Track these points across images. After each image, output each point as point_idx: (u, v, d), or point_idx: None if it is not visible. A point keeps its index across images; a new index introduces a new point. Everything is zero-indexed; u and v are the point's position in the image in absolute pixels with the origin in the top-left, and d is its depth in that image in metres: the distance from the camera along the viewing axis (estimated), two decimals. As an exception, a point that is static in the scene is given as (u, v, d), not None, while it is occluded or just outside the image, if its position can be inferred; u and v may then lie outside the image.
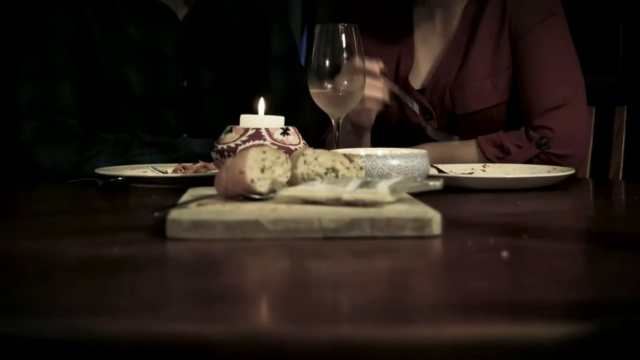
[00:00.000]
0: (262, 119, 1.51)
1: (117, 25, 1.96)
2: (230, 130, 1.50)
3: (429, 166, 1.51)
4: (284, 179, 1.26)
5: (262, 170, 1.23)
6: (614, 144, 2.19)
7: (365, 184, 1.17)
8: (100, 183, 1.58)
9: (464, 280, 0.85)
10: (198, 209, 1.14)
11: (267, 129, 1.48)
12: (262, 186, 1.22)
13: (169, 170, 1.75)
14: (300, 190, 1.19)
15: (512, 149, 1.83)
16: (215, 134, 1.90)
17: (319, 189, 1.17)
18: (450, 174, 1.68)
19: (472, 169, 1.77)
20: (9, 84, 1.93)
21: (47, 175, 1.80)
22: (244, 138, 1.48)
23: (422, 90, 1.98)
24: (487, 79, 1.91)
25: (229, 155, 1.46)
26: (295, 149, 1.48)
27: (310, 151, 1.33)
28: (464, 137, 1.89)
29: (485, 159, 1.85)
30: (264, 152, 1.24)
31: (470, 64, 1.92)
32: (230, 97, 2.05)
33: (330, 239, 1.05)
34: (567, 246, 1.02)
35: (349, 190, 1.16)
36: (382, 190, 1.15)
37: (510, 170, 1.74)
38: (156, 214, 1.11)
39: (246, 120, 1.51)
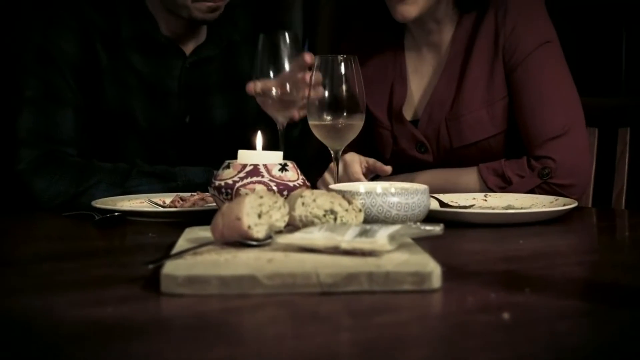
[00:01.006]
0: (260, 155, 1.48)
1: (123, 56, 1.94)
2: (228, 166, 1.48)
3: (430, 202, 1.49)
4: (282, 224, 1.24)
5: (259, 216, 1.21)
6: (617, 165, 2.17)
7: (364, 233, 1.15)
8: (97, 218, 1.56)
9: (463, 349, 0.83)
10: (193, 260, 1.12)
11: (265, 165, 1.46)
12: (259, 232, 1.20)
13: (167, 200, 1.74)
14: (298, 239, 1.17)
15: (514, 178, 1.81)
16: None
17: (317, 237, 1.16)
18: (451, 206, 1.67)
19: (474, 198, 1.75)
20: (10, 106, 1.91)
21: (43, 205, 1.78)
22: (241, 175, 1.45)
23: (415, 122, 1.96)
24: (483, 109, 1.88)
25: (227, 192, 1.44)
26: (294, 185, 1.46)
27: (308, 193, 1.31)
28: (461, 167, 1.88)
29: (487, 187, 1.83)
30: (261, 197, 1.22)
31: (465, 94, 1.89)
32: (233, 136, 2.03)
33: (328, 294, 1.03)
34: (569, 304, 0.99)
35: (348, 240, 1.14)
36: (381, 239, 1.13)
37: (512, 200, 1.72)
38: (150, 266, 1.09)
39: (244, 155, 1.49)
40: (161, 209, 1.63)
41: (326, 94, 1.61)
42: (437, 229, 1.21)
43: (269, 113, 1.70)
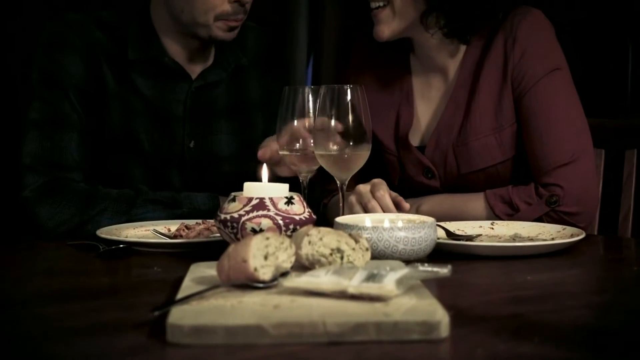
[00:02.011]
0: (265, 188, 1.47)
1: (129, 78, 1.93)
2: (234, 199, 1.47)
3: (436, 234, 1.48)
4: (288, 265, 1.23)
5: (266, 257, 1.20)
6: (623, 187, 2.16)
7: (371, 277, 1.14)
8: (101, 249, 1.55)
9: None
10: (199, 305, 1.11)
11: (271, 199, 1.45)
12: (265, 274, 1.19)
13: (172, 227, 1.73)
14: (304, 283, 1.16)
15: (522, 205, 1.80)
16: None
17: (324, 282, 1.15)
18: (458, 235, 1.66)
19: (480, 226, 1.74)
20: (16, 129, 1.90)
21: (48, 233, 1.77)
22: (247, 208, 1.44)
23: (422, 147, 1.95)
24: (491, 136, 1.87)
25: (232, 226, 1.43)
26: (300, 219, 1.45)
27: (315, 231, 1.30)
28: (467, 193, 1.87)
29: (494, 214, 1.82)
30: (267, 238, 1.21)
31: (473, 121, 1.88)
32: (238, 161, 2.02)
33: (336, 343, 1.02)
34: (578, 357, 0.99)
35: (355, 285, 1.13)
36: (388, 284, 1.12)
37: (519, 229, 1.71)
38: (156, 313, 1.08)
39: (250, 188, 1.48)
40: (166, 240, 1.62)
41: (332, 124, 1.59)
42: (445, 270, 1.20)
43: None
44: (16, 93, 2.32)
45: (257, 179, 1.51)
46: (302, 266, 1.29)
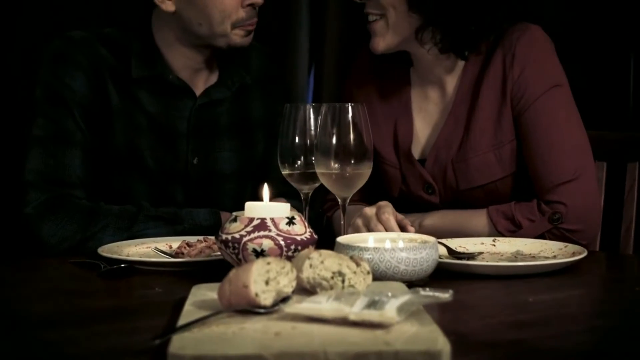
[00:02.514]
0: (267, 208, 1.47)
1: (133, 95, 1.93)
2: (235, 220, 1.46)
3: (438, 254, 1.47)
4: (290, 289, 1.23)
5: (267, 282, 1.20)
6: (625, 200, 2.16)
7: (372, 304, 1.14)
8: (103, 268, 1.55)
9: None
10: (200, 332, 1.11)
11: (272, 219, 1.45)
12: (266, 299, 1.19)
13: (173, 244, 1.73)
14: (305, 309, 1.16)
15: (524, 222, 1.80)
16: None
17: (325, 308, 1.15)
18: (460, 253, 1.66)
19: (482, 243, 1.74)
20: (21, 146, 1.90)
21: (50, 250, 1.77)
22: (248, 229, 1.44)
23: (421, 161, 1.95)
24: (491, 152, 1.87)
25: (234, 247, 1.43)
26: (302, 239, 1.45)
27: (316, 254, 1.30)
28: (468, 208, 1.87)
29: (496, 231, 1.82)
30: (268, 262, 1.21)
31: (472, 137, 1.88)
32: (240, 179, 2.02)
33: (337, 373, 1.02)
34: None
35: (356, 311, 1.13)
36: (389, 311, 1.12)
37: (521, 246, 1.71)
38: (157, 341, 1.08)
39: (251, 208, 1.47)
40: (167, 259, 1.62)
41: (334, 141, 1.59)
42: (446, 295, 1.20)
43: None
44: (20, 110, 2.32)
45: (258, 198, 1.51)
46: (304, 289, 1.29)
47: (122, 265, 1.55)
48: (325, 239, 1.74)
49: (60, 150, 1.85)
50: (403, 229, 1.69)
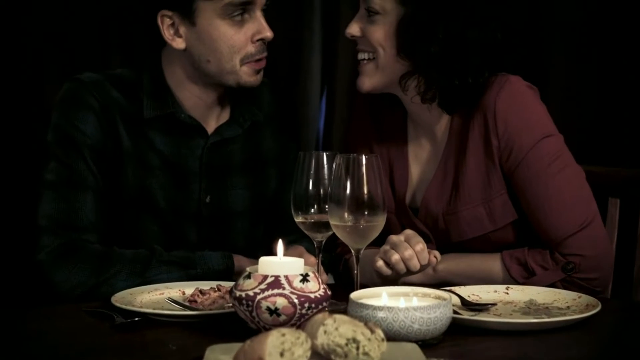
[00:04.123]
0: (281, 264, 1.47)
1: (145, 135, 1.93)
2: (249, 276, 1.47)
3: (452, 312, 1.47)
4: (305, 359, 1.23)
5: (282, 354, 1.20)
6: (639, 237, 2.15)
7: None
8: (116, 320, 1.56)
9: None
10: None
11: (286, 277, 1.45)
12: (281, 371, 1.19)
13: (186, 290, 1.74)
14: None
15: (537, 269, 1.80)
16: (239, 253, 1.90)
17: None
18: (473, 304, 1.65)
19: (495, 291, 1.74)
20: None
21: (63, 296, 1.78)
22: (262, 286, 1.45)
23: (415, 210, 1.94)
24: (481, 206, 1.85)
25: (248, 304, 1.44)
26: (315, 297, 1.45)
27: (330, 320, 1.30)
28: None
29: (509, 276, 1.81)
30: (283, 334, 1.21)
31: (461, 190, 1.86)
32: (254, 217, 2.02)
33: None
34: None
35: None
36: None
37: (534, 294, 1.71)
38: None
39: (265, 264, 1.48)
40: (181, 310, 1.62)
41: (347, 193, 1.59)
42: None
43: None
44: (33, 154, 2.33)
45: (272, 250, 1.51)
46: (318, 354, 1.29)
47: (136, 319, 1.55)
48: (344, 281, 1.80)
49: (72, 194, 1.85)
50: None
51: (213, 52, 1.88)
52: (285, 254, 1.52)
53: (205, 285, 1.72)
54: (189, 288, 1.74)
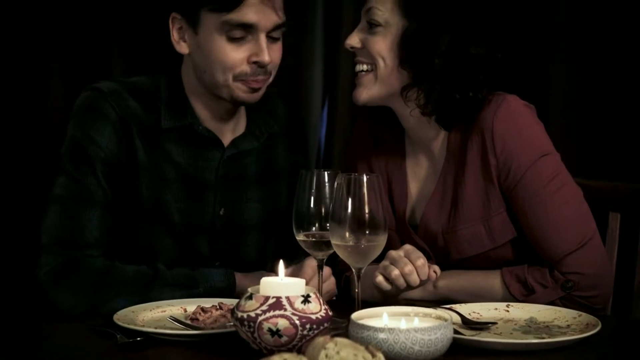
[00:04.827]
0: (282, 285, 1.48)
1: (161, 146, 1.92)
2: (251, 297, 1.47)
3: (452, 333, 1.48)
4: (305, 384, 1.24)
5: (283, 379, 1.21)
6: (639, 251, 2.15)
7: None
8: (119, 339, 1.56)
9: None
10: None
11: (287, 298, 1.46)
12: (282, 396, 1.20)
13: (188, 308, 1.74)
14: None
15: (537, 287, 1.80)
16: (250, 266, 1.90)
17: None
18: (473, 322, 1.66)
19: (496, 308, 1.74)
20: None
21: (64, 314, 1.78)
22: (264, 307, 1.45)
23: (415, 227, 1.95)
24: (480, 224, 1.86)
25: (249, 325, 1.44)
26: (317, 318, 1.46)
27: (332, 344, 1.30)
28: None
29: (509, 293, 1.82)
30: (285, 359, 1.22)
31: (460, 208, 1.87)
32: (266, 230, 2.03)
33: None
34: None
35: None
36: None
37: (534, 312, 1.72)
38: None
39: (266, 285, 1.48)
40: (183, 329, 1.63)
41: (349, 213, 1.60)
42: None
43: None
44: (35, 155, 2.34)
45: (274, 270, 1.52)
46: (319, 378, 1.30)
47: (138, 339, 1.56)
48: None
49: (79, 211, 1.84)
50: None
51: (208, 63, 1.88)
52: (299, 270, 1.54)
53: (207, 302, 1.73)
54: (190, 305, 1.75)
